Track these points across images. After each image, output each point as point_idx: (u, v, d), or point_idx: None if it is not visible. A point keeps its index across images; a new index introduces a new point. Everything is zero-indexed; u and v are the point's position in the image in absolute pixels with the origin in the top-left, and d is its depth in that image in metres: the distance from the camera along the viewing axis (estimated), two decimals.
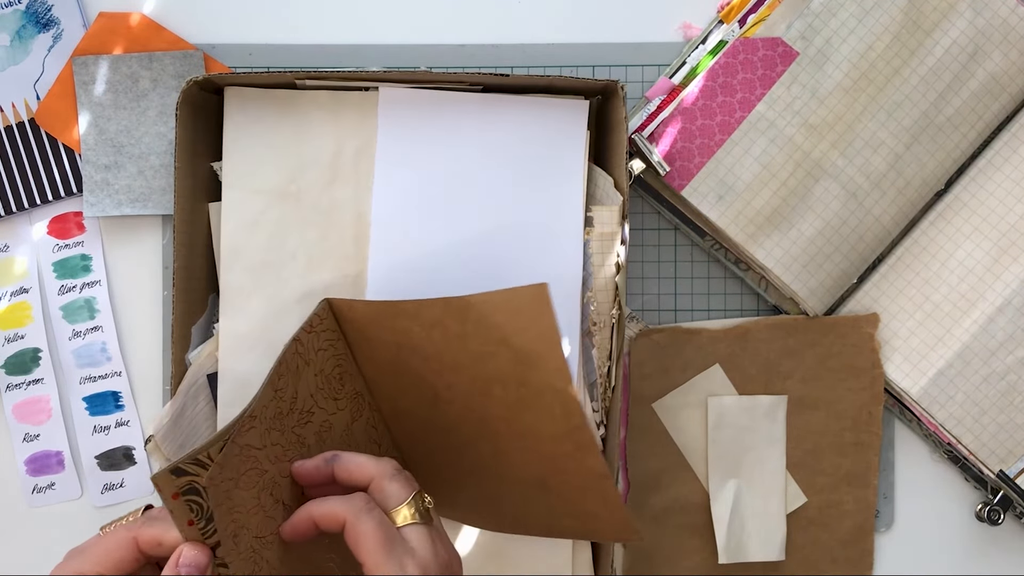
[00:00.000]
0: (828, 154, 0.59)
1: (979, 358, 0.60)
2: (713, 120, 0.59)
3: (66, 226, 0.62)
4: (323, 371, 0.52)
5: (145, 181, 0.60)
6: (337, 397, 0.52)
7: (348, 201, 0.58)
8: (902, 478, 0.63)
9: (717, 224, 0.59)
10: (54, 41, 0.61)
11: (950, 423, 0.60)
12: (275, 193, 0.57)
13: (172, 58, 0.60)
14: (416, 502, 0.44)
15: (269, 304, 0.57)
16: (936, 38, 0.59)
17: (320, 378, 0.51)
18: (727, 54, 0.59)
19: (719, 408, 0.61)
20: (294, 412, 0.49)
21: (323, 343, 0.52)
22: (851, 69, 0.59)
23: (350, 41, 0.62)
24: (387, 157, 0.57)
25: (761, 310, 0.63)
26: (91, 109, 0.60)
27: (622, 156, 0.55)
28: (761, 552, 0.61)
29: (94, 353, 0.61)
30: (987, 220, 0.60)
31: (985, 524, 0.62)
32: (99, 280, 0.62)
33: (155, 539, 0.43)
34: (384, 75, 0.56)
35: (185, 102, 0.55)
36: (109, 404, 0.61)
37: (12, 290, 0.61)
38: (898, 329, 0.61)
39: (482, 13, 0.62)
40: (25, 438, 0.61)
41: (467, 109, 0.57)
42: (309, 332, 0.51)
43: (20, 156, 0.61)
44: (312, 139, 0.57)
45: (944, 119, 0.60)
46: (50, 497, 0.62)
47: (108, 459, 0.61)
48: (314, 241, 0.57)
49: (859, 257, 0.60)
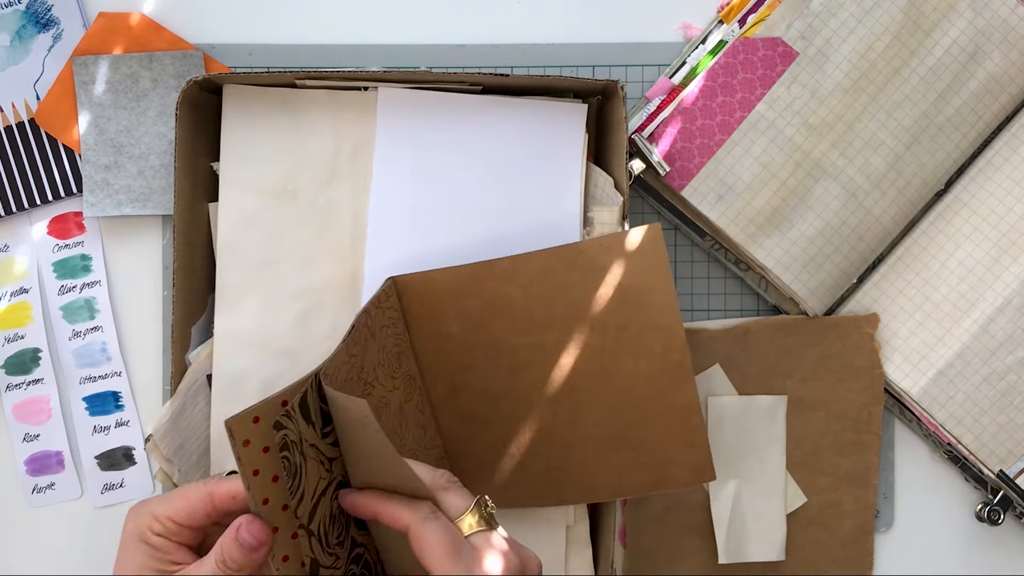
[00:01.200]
0: (828, 154, 0.59)
1: (979, 358, 0.60)
2: (713, 120, 0.59)
3: (66, 226, 0.62)
4: (384, 347, 0.53)
5: (145, 181, 0.60)
6: (394, 376, 0.53)
7: (345, 201, 0.58)
8: (902, 478, 0.63)
9: (717, 224, 0.59)
10: (54, 41, 0.61)
11: (950, 423, 0.60)
12: (272, 192, 0.57)
13: (172, 58, 0.60)
14: (478, 509, 0.44)
15: (265, 302, 0.57)
16: (936, 38, 0.59)
17: (382, 354, 0.52)
18: (727, 54, 0.59)
19: (719, 408, 0.61)
20: (360, 381, 0.50)
21: (386, 320, 0.53)
22: (851, 69, 0.59)
23: (350, 41, 0.62)
24: (385, 157, 0.57)
25: (761, 310, 0.63)
26: (91, 109, 0.60)
27: (622, 156, 0.55)
28: (761, 552, 0.61)
29: (94, 353, 0.61)
30: (987, 220, 0.60)
31: (985, 524, 0.62)
32: (99, 280, 0.62)
33: (230, 493, 0.45)
34: (384, 75, 0.56)
35: (185, 102, 0.55)
36: (109, 404, 0.61)
37: (12, 290, 0.61)
38: (898, 329, 0.61)
39: (482, 13, 0.62)
40: (25, 438, 0.61)
41: (466, 111, 0.57)
42: (376, 307, 0.52)
43: (20, 156, 0.61)
44: (310, 138, 0.57)
45: (944, 119, 0.60)
46: (50, 497, 0.62)
47: (108, 459, 0.61)
48: (311, 240, 0.57)
49: (859, 257, 0.60)
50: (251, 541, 0.42)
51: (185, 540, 0.46)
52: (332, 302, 0.57)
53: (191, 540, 0.46)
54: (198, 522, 0.46)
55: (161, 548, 0.45)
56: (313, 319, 0.57)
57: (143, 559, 0.45)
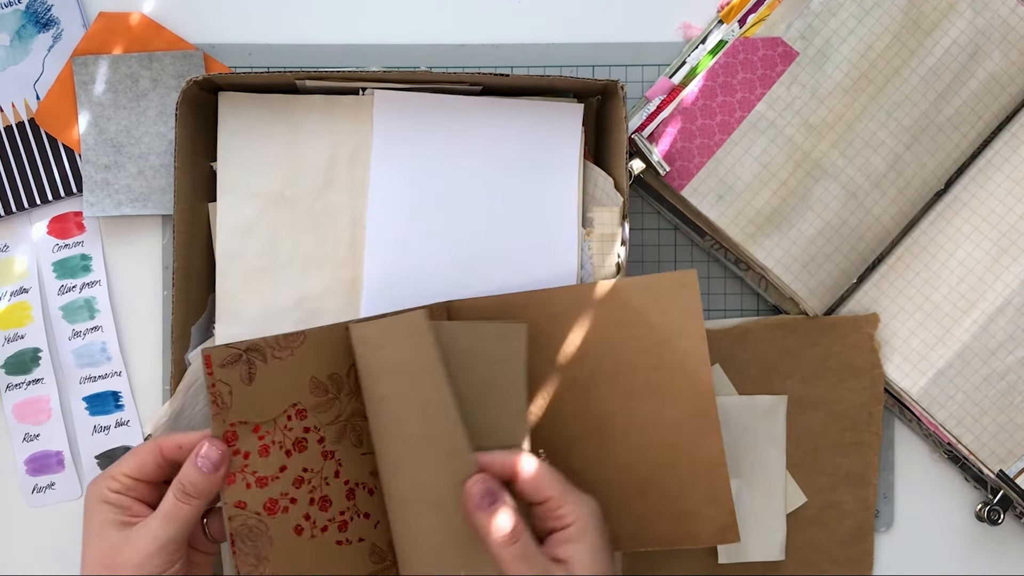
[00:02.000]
0: (828, 154, 0.59)
1: (979, 358, 0.60)
2: (713, 120, 0.59)
3: (66, 226, 0.62)
4: None
5: (145, 181, 0.60)
6: None
7: (343, 206, 0.57)
8: (902, 478, 0.63)
9: (717, 224, 0.59)
10: (54, 41, 0.61)
11: (950, 423, 0.60)
12: (270, 199, 0.57)
13: (172, 58, 0.60)
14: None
15: (265, 310, 0.57)
16: (936, 38, 0.59)
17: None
18: (727, 54, 0.59)
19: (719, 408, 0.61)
20: None
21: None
22: (851, 69, 0.59)
23: (350, 41, 0.62)
24: (382, 161, 0.57)
25: (761, 310, 0.63)
26: (91, 109, 0.60)
27: (622, 156, 0.55)
28: (761, 552, 0.61)
29: (94, 353, 0.61)
30: (987, 220, 0.60)
31: (985, 524, 0.62)
32: (99, 280, 0.62)
33: (176, 443, 0.48)
34: (384, 75, 0.56)
35: (185, 102, 0.55)
36: (109, 404, 0.61)
37: (12, 290, 0.61)
38: (898, 329, 0.61)
39: (482, 13, 0.62)
40: (25, 438, 0.61)
41: (462, 112, 0.57)
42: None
43: (20, 156, 0.61)
44: (306, 144, 0.57)
45: (944, 119, 0.60)
46: (50, 497, 0.62)
47: (108, 459, 0.61)
48: (309, 246, 0.57)
49: (859, 257, 0.60)
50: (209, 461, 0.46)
51: (142, 496, 0.49)
52: (332, 308, 0.57)
53: (147, 496, 0.49)
54: (149, 474, 0.49)
55: (119, 504, 0.48)
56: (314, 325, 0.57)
57: (104, 517, 0.48)
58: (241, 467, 0.48)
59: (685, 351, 0.52)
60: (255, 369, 0.48)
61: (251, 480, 0.48)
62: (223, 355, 0.47)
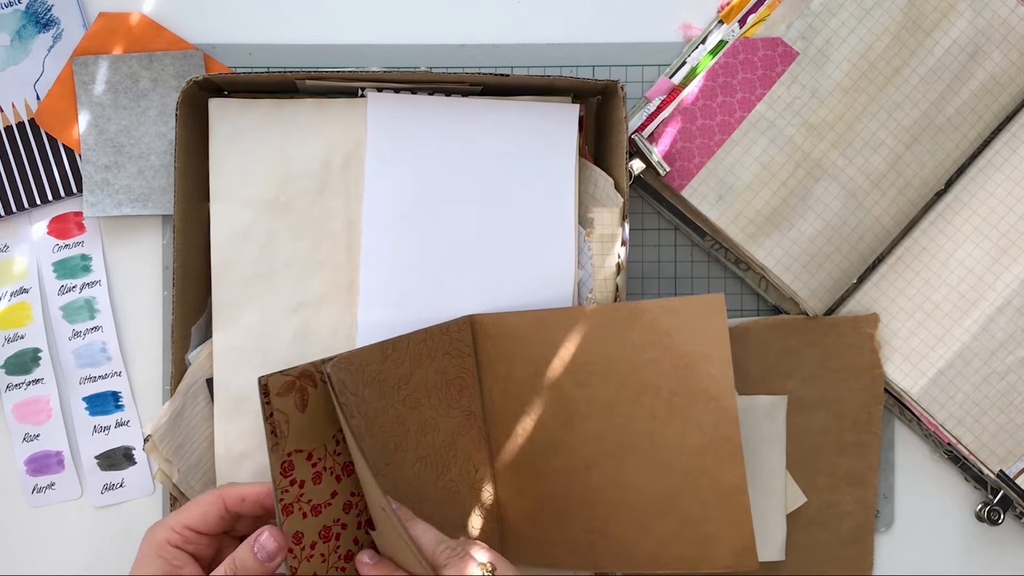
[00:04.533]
0: (828, 154, 0.59)
1: (979, 358, 0.60)
2: (713, 120, 0.59)
3: (66, 226, 0.62)
4: (445, 373, 0.54)
5: (145, 181, 0.60)
6: (451, 405, 0.55)
7: (338, 210, 0.57)
8: (902, 478, 0.63)
9: (717, 224, 0.59)
10: (54, 41, 0.61)
11: (950, 423, 0.60)
12: (264, 205, 0.57)
13: (172, 58, 0.60)
14: None
15: (262, 317, 0.57)
16: (936, 38, 0.59)
17: (440, 378, 0.54)
18: (727, 54, 0.59)
19: None
20: (401, 388, 0.52)
21: (452, 349, 0.55)
22: (851, 69, 0.59)
23: (350, 41, 0.62)
24: (376, 164, 0.57)
25: (761, 310, 0.63)
26: (91, 109, 0.60)
27: (622, 156, 0.55)
28: (761, 552, 0.61)
29: (94, 353, 0.61)
30: (987, 220, 0.60)
31: (985, 524, 0.62)
32: (99, 280, 0.62)
33: (238, 495, 0.48)
34: (384, 75, 0.56)
35: (185, 102, 0.55)
36: (109, 404, 0.61)
37: (12, 290, 0.61)
38: (898, 329, 0.61)
39: (482, 13, 0.62)
40: (25, 438, 0.61)
41: (456, 114, 0.57)
42: (444, 334, 0.54)
43: (20, 156, 0.61)
44: (300, 149, 0.57)
45: (944, 119, 0.60)
46: (50, 497, 0.62)
47: (108, 459, 0.61)
48: (305, 251, 0.57)
49: (859, 257, 0.60)
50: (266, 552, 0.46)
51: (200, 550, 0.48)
52: (330, 312, 0.57)
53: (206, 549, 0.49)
54: (212, 527, 0.48)
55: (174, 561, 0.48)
56: (312, 331, 0.57)
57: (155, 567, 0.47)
58: (296, 497, 0.46)
59: (711, 376, 0.51)
60: (307, 396, 0.47)
61: (307, 509, 0.47)
62: (279, 383, 0.46)
